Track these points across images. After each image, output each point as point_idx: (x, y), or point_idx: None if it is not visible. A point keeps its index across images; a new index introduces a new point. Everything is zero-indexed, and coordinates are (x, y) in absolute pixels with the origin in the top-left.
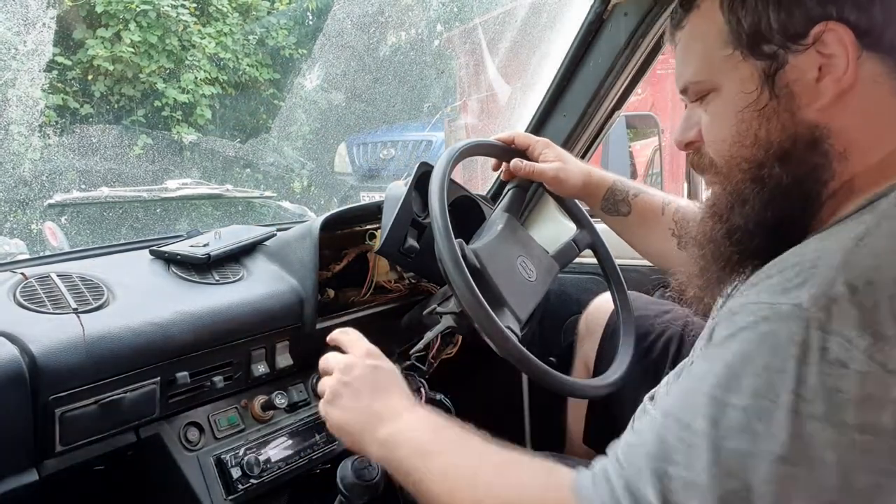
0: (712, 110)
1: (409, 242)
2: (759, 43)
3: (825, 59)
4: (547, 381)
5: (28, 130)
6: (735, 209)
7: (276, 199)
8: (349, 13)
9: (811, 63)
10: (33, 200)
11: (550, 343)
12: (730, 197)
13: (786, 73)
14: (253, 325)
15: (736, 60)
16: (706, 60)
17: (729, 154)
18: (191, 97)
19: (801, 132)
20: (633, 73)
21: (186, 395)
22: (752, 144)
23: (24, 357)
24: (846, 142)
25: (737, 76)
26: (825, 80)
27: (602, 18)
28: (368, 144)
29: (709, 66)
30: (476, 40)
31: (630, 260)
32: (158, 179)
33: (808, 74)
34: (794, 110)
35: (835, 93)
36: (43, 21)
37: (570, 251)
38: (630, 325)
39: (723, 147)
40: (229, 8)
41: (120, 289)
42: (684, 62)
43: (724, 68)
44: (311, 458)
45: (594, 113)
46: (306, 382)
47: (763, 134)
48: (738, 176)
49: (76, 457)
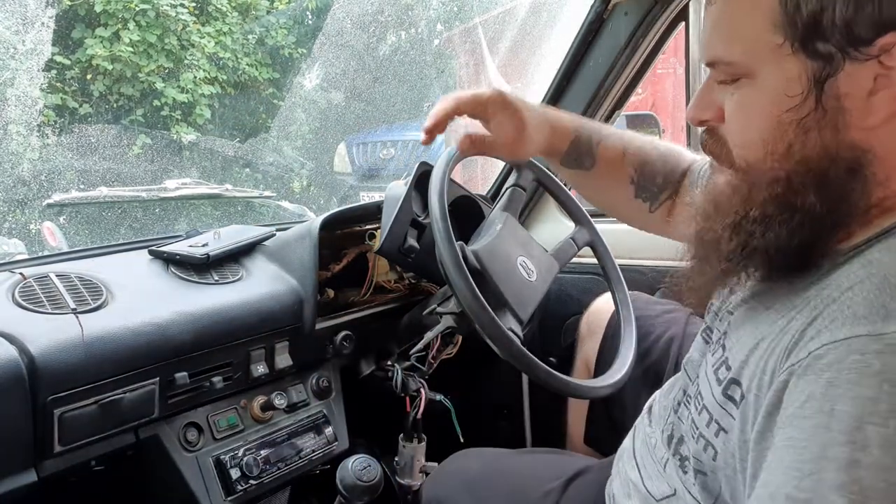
0: (742, 100)
1: (408, 242)
2: (816, 39)
3: (884, 71)
4: (549, 383)
5: (27, 130)
6: (756, 231)
7: (275, 199)
8: (349, 12)
9: (868, 74)
10: (32, 200)
11: (551, 343)
12: (751, 215)
13: (838, 83)
14: (252, 325)
15: (784, 52)
16: (748, 42)
17: (754, 159)
18: (190, 97)
19: (842, 154)
20: (633, 72)
21: (185, 395)
22: (783, 156)
23: (23, 357)
24: (890, 168)
25: (780, 71)
26: (880, 94)
27: (602, 18)
28: (368, 144)
29: (750, 49)
30: (476, 40)
31: (630, 260)
32: (157, 179)
33: (863, 87)
34: (839, 127)
35: (889, 112)
36: (42, 20)
37: (569, 249)
38: (630, 323)
39: (747, 147)
40: (228, 7)
41: (119, 289)
42: (719, 34)
43: (768, 58)
44: (311, 459)
45: (594, 113)
46: (305, 383)
47: (798, 147)
48: (764, 194)
49: (75, 457)
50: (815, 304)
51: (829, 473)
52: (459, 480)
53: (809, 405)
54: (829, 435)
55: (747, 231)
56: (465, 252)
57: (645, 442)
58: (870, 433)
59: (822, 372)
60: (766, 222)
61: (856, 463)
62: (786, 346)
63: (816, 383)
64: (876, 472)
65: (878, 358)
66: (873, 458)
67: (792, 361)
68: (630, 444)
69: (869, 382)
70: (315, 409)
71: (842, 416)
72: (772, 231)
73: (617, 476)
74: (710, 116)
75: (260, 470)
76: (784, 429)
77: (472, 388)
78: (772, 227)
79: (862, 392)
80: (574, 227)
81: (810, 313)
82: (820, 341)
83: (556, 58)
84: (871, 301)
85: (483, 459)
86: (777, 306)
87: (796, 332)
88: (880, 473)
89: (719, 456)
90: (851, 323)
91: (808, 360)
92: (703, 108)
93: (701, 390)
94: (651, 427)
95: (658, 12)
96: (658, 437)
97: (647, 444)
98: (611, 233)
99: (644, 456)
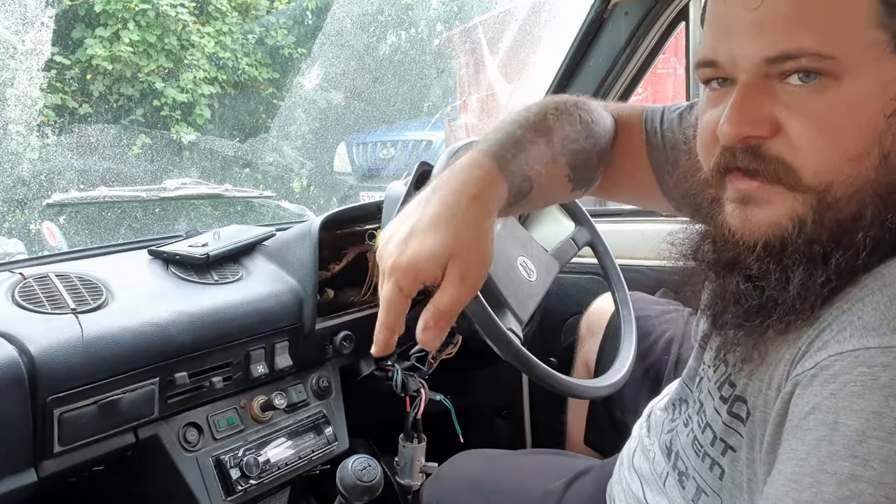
0: (822, 106)
1: None
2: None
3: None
4: (549, 383)
5: (26, 130)
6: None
7: (275, 199)
8: (349, 12)
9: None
10: (32, 200)
11: (550, 343)
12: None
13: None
14: (252, 325)
15: (883, 50)
16: (841, 34)
17: (840, 175)
18: (190, 97)
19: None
20: (633, 72)
21: (185, 395)
22: (878, 171)
23: (23, 357)
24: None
25: (879, 72)
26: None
27: (602, 17)
28: (368, 144)
29: (843, 42)
30: (476, 39)
31: (630, 260)
32: (157, 179)
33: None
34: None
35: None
36: (42, 20)
37: (568, 249)
38: (630, 323)
39: (830, 162)
40: (228, 7)
41: (118, 289)
42: (800, 20)
43: (864, 55)
44: (311, 459)
45: None
46: (305, 383)
47: (894, 158)
48: (846, 213)
49: (75, 457)
50: (824, 315)
51: (828, 487)
52: (460, 481)
53: (813, 417)
54: (831, 448)
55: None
56: None
57: (645, 454)
58: (873, 448)
59: (827, 383)
60: (843, 240)
61: (857, 478)
62: (791, 356)
63: (821, 394)
64: (877, 487)
65: (885, 371)
66: (875, 473)
67: (798, 372)
68: (630, 453)
69: (874, 396)
70: (315, 409)
71: (845, 430)
72: (849, 255)
73: (619, 482)
74: (764, 132)
75: (260, 470)
76: (788, 441)
77: (472, 388)
78: (850, 250)
79: (867, 406)
80: (574, 226)
81: (818, 324)
82: (827, 352)
83: (557, 57)
84: (881, 313)
85: (483, 460)
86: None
87: (803, 343)
88: (881, 489)
89: (726, 475)
90: (860, 334)
91: (814, 371)
92: (752, 122)
93: (704, 407)
94: (650, 438)
95: (658, 12)
96: (656, 451)
97: (647, 456)
98: (611, 233)
99: (644, 469)
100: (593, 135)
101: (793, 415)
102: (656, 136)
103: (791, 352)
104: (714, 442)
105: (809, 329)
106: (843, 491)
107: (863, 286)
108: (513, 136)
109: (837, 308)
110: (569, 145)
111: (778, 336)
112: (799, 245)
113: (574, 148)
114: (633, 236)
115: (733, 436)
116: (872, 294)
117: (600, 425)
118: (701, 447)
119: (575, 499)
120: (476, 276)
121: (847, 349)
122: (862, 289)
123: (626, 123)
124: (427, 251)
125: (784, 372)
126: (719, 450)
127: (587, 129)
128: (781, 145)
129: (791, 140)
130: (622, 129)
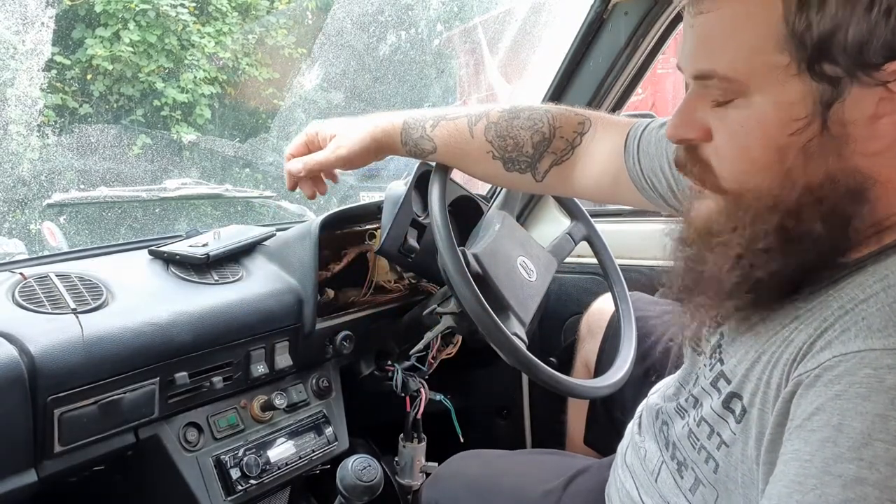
0: (738, 121)
1: (408, 242)
2: (824, 60)
3: (888, 96)
4: (553, 385)
5: (27, 130)
6: (758, 262)
7: (275, 199)
8: (349, 12)
9: (872, 99)
10: (32, 200)
11: (550, 343)
12: (753, 247)
13: (844, 107)
14: (252, 325)
15: (788, 73)
16: (748, 58)
17: (749, 184)
18: (190, 97)
19: (846, 180)
20: (633, 72)
21: (185, 395)
22: (783, 182)
23: (23, 357)
24: (892, 192)
25: (783, 93)
26: (884, 120)
27: (602, 18)
28: None
29: (749, 66)
30: (476, 40)
31: (630, 260)
32: (157, 179)
33: (866, 112)
34: (842, 153)
35: (893, 138)
36: (42, 20)
37: (566, 244)
38: (630, 321)
39: (742, 172)
40: (228, 7)
41: (119, 289)
42: (715, 47)
43: (770, 77)
44: (311, 459)
45: None
46: (305, 383)
47: (799, 173)
48: (767, 225)
49: (75, 457)
50: (825, 316)
51: (833, 489)
52: (460, 481)
53: (817, 418)
54: (836, 450)
55: (749, 263)
56: (468, 258)
57: (636, 452)
58: (878, 450)
59: (831, 384)
60: (769, 252)
61: (861, 480)
62: (792, 356)
63: (825, 395)
64: (882, 491)
65: (890, 373)
66: (880, 475)
67: (800, 372)
68: (623, 451)
69: (880, 398)
70: (315, 409)
71: (850, 432)
72: (775, 261)
73: (614, 482)
74: (694, 135)
75: (260, 470)
76: (791, 441)
77: (472, 388)
78: (775, 257)
79: (872, 408)
80: (570, 222)
81: (819, 324)
82: (831, 352)
83: (556, 58)
84: (886, 314)
85: (483, 460)
86: (775, 317)
87: (803, 343)
88: (887, 493)
89: (720, 469)
90: (865, 336)
91: (817, 371)
92: (686, 125)
93: (701, 402)
94: (640, 436)
95: (658, 12)
96: (647, 448)
97: (638, 454)
98: (611, 233)
99: (636, 466)
100: (530, 127)
101: (795, 415)
102: (634, 142)
103: (791, 352)
104: (710, 435)
105: (805, 327)
106: (848, 494)
107: (865, 285)
108: (440, 111)
109: (839, 308)
110: (494, 128)
111: (772, 333)
112: (739, 241)
113: (498, 132)
114: (633, 236)
115: (727, 431)
116: (876, 295)
117: (600, 425)
118: (697, 440)
119: (574, 498)
120: (344, 150)
121: (852, 350)
122: (865, 288)
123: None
124: (327, 131)
125: (784, 372)
126: (715, 444)
127: (522, 119)
128: (710, 151)
129: (717, 148)
130: (603, 132)
